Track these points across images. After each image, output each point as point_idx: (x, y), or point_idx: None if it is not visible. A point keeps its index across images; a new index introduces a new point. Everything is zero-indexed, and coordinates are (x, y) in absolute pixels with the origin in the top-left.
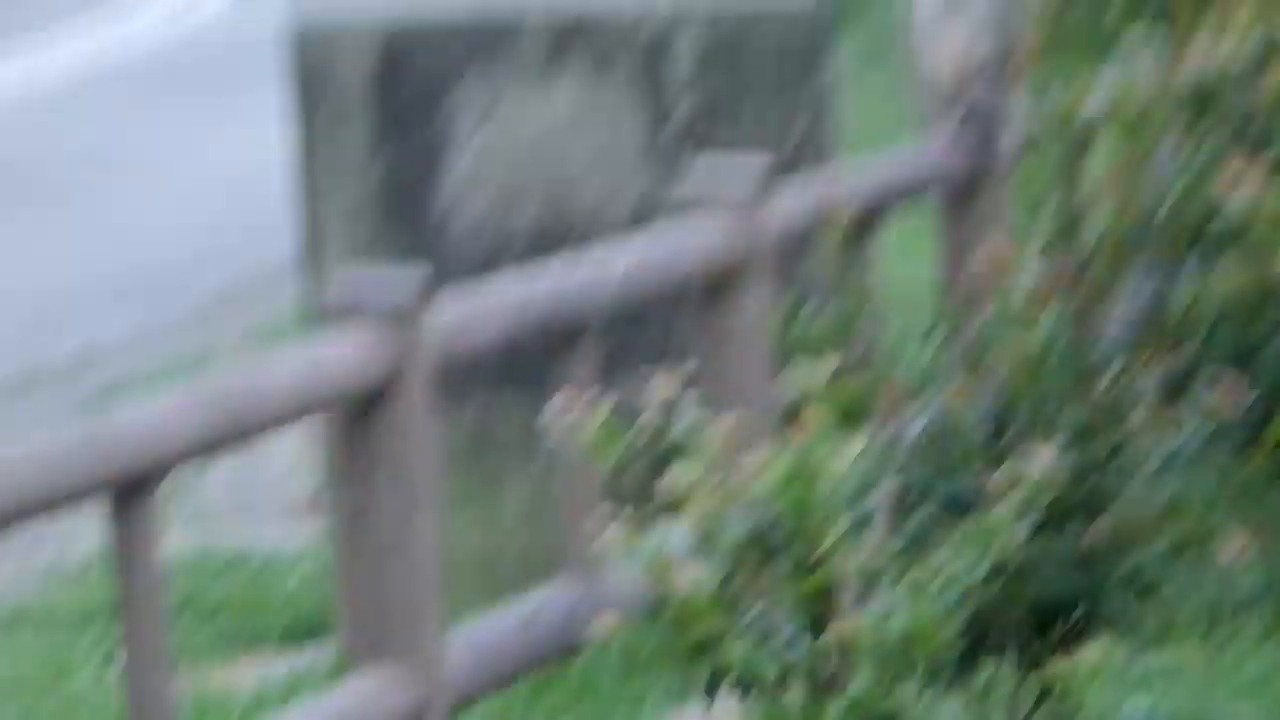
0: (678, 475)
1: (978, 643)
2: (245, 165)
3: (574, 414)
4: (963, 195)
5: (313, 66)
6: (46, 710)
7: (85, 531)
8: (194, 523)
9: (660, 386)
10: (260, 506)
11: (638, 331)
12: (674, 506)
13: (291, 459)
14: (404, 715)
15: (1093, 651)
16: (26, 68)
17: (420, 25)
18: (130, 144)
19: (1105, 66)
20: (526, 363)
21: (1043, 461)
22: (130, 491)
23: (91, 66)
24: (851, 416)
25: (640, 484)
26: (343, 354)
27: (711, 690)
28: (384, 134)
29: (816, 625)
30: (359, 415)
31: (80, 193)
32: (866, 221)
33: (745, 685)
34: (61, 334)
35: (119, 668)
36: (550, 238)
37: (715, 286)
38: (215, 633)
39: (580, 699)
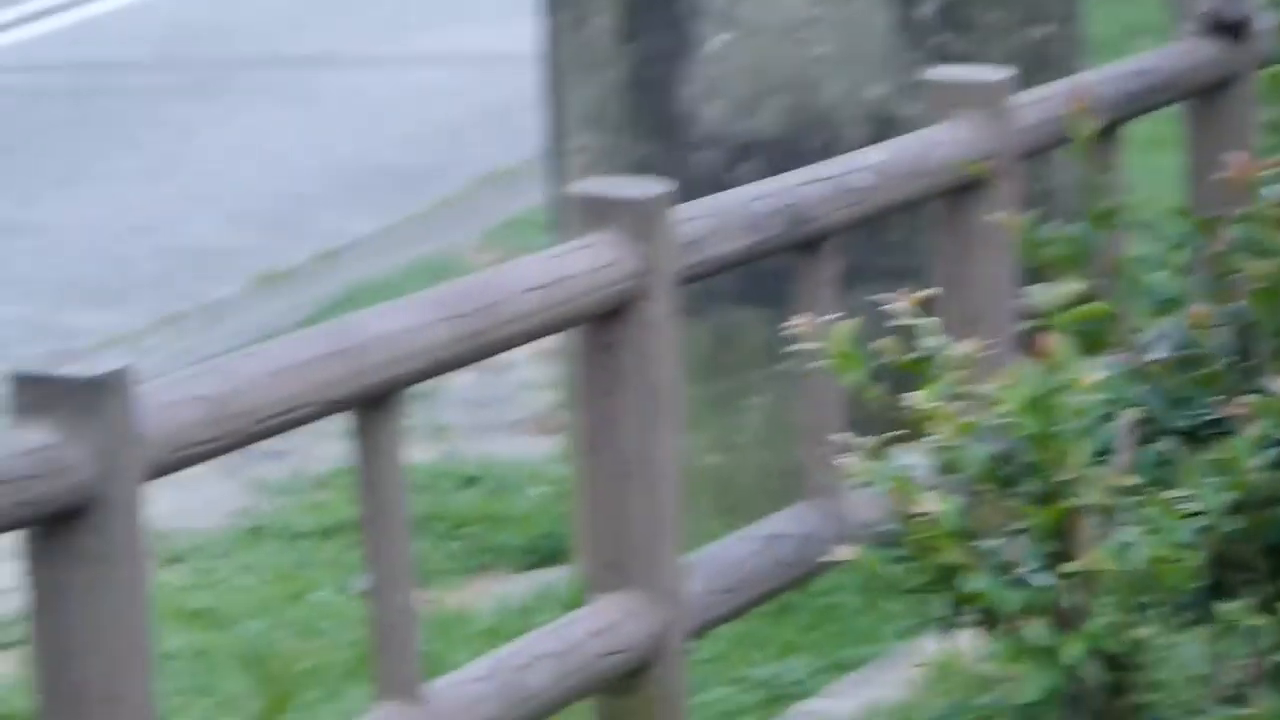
0: (919, 398)
1: (1219, 578)
2: (491, 52)
3: (815, 329)
4: (1209, 103)
5: None
6: (290, 624)
7: (316, 446)
8: (436, 435)
9: (903, 302)
10: (499, 421)
11: (881, 243)
12: (915, 429)
13: (530, 372)
14: (643, 641)
15: None
16: None
17: None
18: (373, 16)
19: None
20: (771, 275)
21: None
22: (373, 404)
23: None
24: (1094, 341)
25: (882, 404)
26: (587, 263)
27: (952, 620)
28: (628, 30)
29: (1058, 557)
30: (602, 326)
31: (326, 70)
32: (1112, 130)
33: (984, 619)
34: (303, 235)
35: (362, 583)
36: (792, 140)
37: (958, 197)
38: (453, 550)
39: (819, 626)
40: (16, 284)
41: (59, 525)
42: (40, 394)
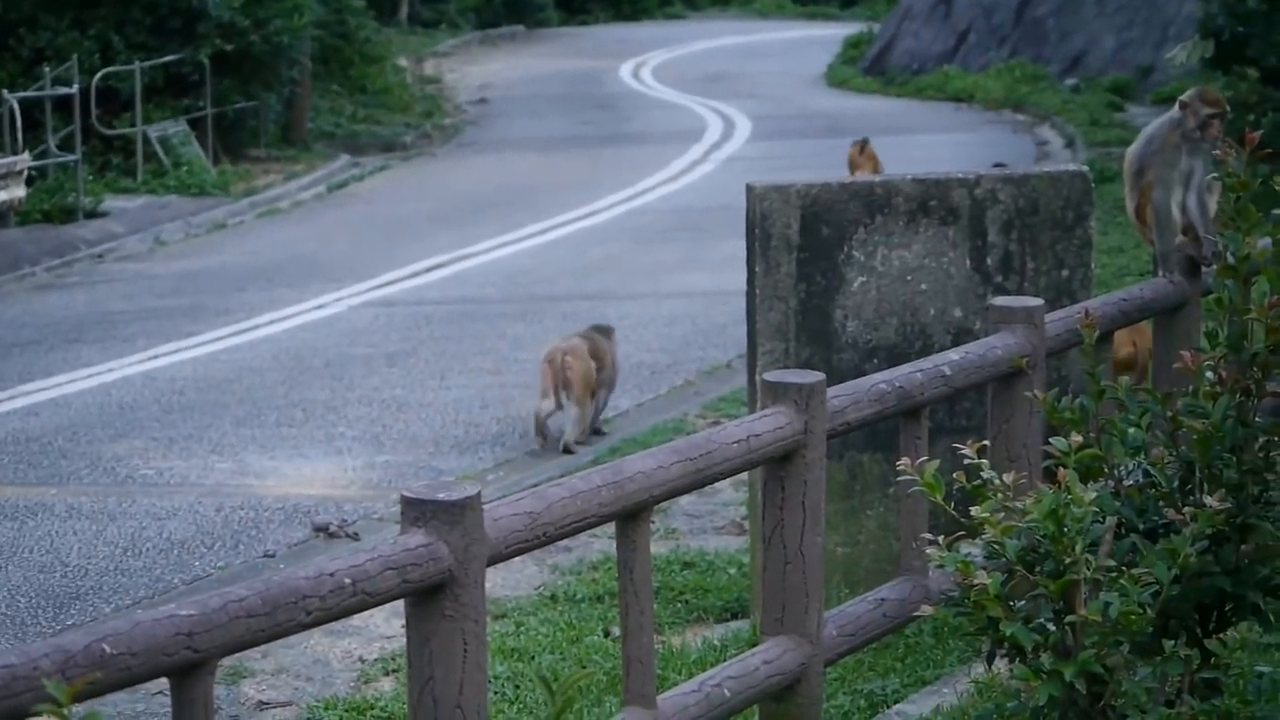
0: (978, 510)
1: (1164, 625)
2: (711, 289)
3: (913, 467)
4: (1170, 318)
5: (760, 218)
6: (572, 658)
7: (593, 543)
8: (668, 536)
9: (969, 449)
10: (709, 526)
11: (956, 411)
12: (975, 530)
13: (730, 495)
14: (795, 668)
15: (1238, 632)
16: (596, 215)
17: (829, 189)
18: (638, 268)
19: (1266, 228)
20: (885, 431)
21: (1212, 504)
22: (631, 517)
23: (625, 214)
24: (1090, 473)
25: (954, 514)
26: (770, 425)
27: (992, 655)
28: (802, 270)
29: (1061, 613)
30: (778, 466)
31: (608, 302)
32: (1106, 338)
33: (1014, 652)
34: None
35: (618, 630)
36: (902, 346)
37: (1007, 381)
38: (677, 609)
39: (907, 657)
40: (406, 440)
41: (429, 595)
42: (421, 510)
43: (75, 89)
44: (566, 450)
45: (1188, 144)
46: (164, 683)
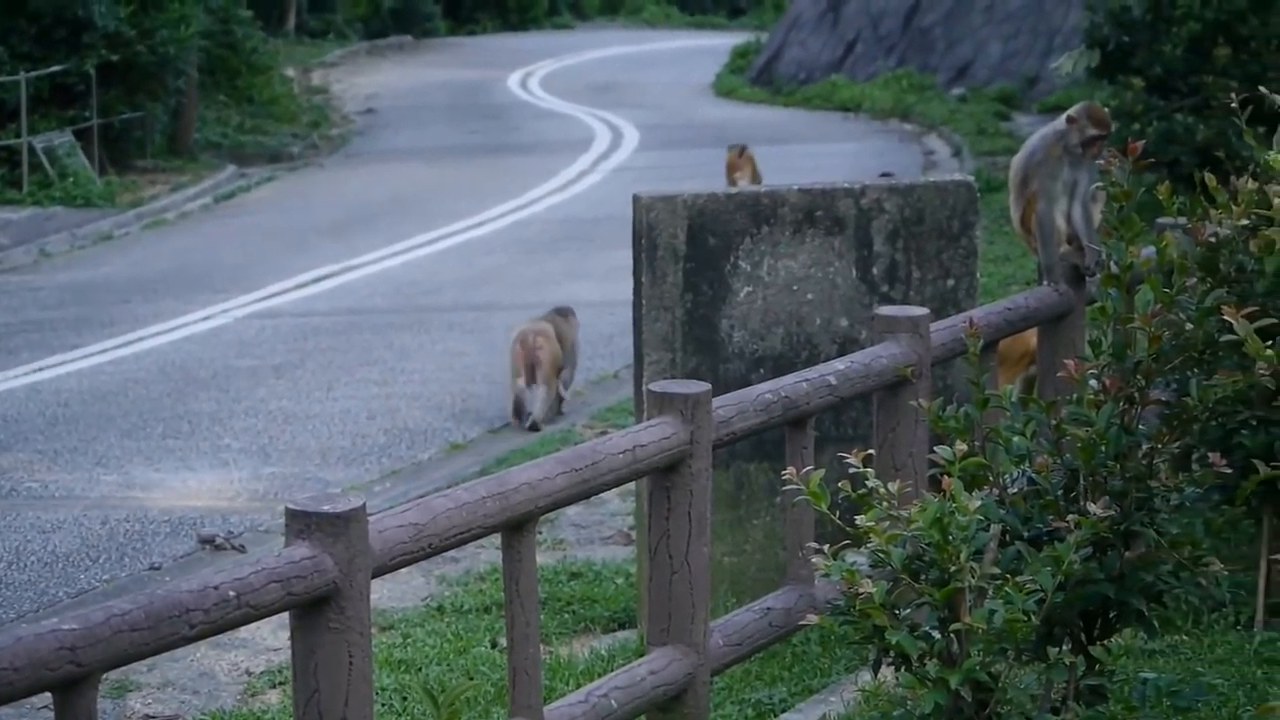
0: (863, 518)
1: (1049, 632)
2: (597, 300)
3: (798, 476)
4: (1054, 327)
5: (647, 228)
6: (458, 669)
7: (480, 553)
8: (555, 546)
9: (854, 458)
10: (596, 536)
11: (842, 420)
12: (860, 539)
13: (617, 505)
14: (681, 678)
15: (1122, 639)
16: (483, 225)
17: (716, 200)
18: (525, 278)
19: (1150, 237)
20: (771, 441)
21: (1095, 511)
22: (516, 528)
23: (512, 225)
24: (975, 481)
25: (840, 524)
26: (655, 436)
27: (878, 663)
28: (689, 280)
29: (947, 620)
30: (664, 476)
31: (494, 313)
32: (991, 346)
33: (900, 660)
34: (477, 419)
35: (504, 641)
36: (788, 356)
37: (893, 390)
38: (564, 620)
39: (794, 665)
40: (293, 452)
41: (314, 607)
42: (305, 523)
43: None
44: (533, 428)
45: (1070, 156)
46: (48, 697)
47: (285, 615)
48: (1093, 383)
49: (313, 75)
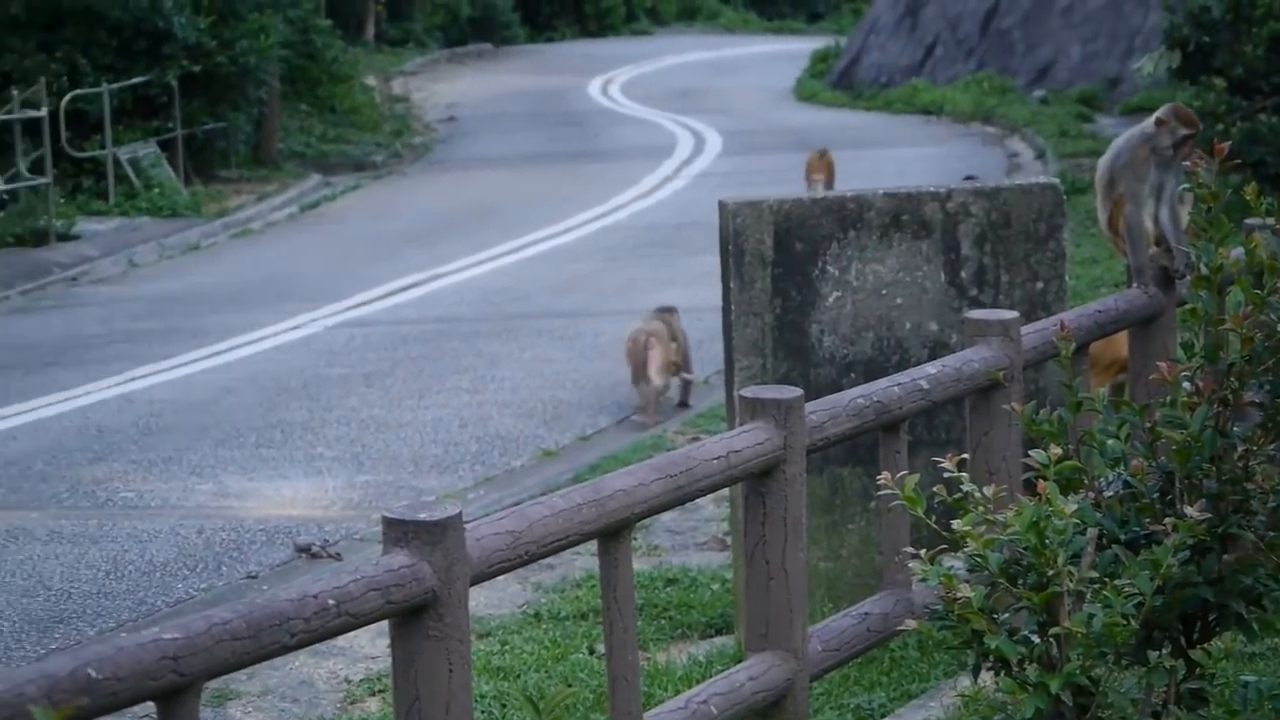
0: (960, 523)
1: (1148, 636)
2: (684, 306)
3: (892, 480)
4: (1146, 330)
5: (734, 234)
6: (557, 675)
7: (575, 560)
8: (650, 552)
9: (948, 462)
10: (691, 542)
11: (935, 424)
12: (957, 543)
13: (711, 510)
14: (780, 684)
15: (1222, 642)
16: (568, 232)
17: (802, 205)
18: (611, 285)
19: (1239, 238)
20: (864, 445)
21: (1192, 515)
22: (613, 535)
23: (597, 232)
24: (1070, 485)
25: (936, 528)
26: (750, 441)
27: (977, 668)
28: (777, 286)
29: (1045, 625)
30: (758, 481)
31: (582, 320)
32: (1082, 349)
33: (999, 664)
34: (568, 426)
35: (603, 647)
36: (879, 360)
37: (985, 394)
38: (660, 626)
39: (892, 671)
40: (386, 460)
41: (413, 615)
42: (403, 531)
43: (44, 112)
44: (645, 424)
45: (1158, 157)
46: (150, 706)
47: (382, 623)
48: (1186, 385)
49: (393, 84)
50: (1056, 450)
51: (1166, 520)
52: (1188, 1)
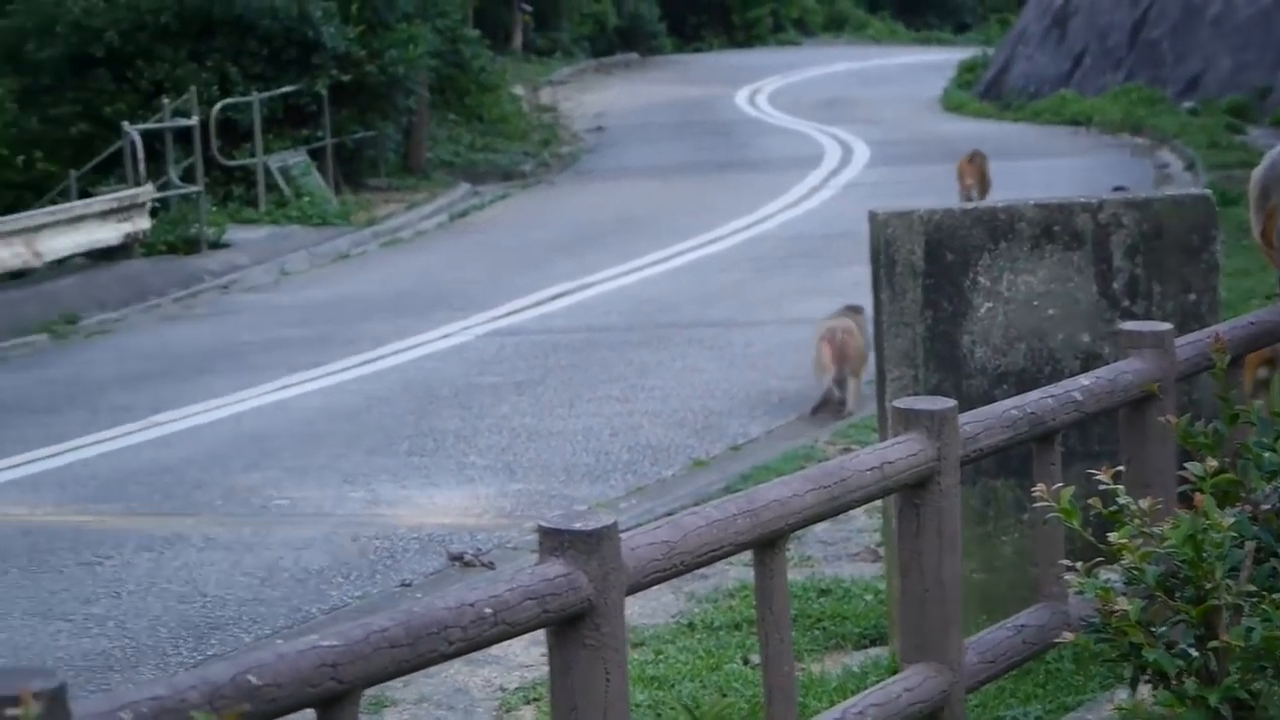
0: (1116, 535)
1: None
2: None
3: (1047, 492)
4: None
5: (884, 245)
6: (711, 685)
7: (729, 570)
8: (802, 563)
9: (1104, 474)
10: (844, 553)
11: (1089, 436)
12: (1113, 556)
13: (864, 521)
14: (936, 695)
15: None
16: (716, 242)
17: (952, 215)
18: (760, 295)
19: None
20: (1017, 457)
21: None
22: (768, 545)
23: (745, 242)
24: (1226, 497)
25: (1091, 540)
26: (903, 453)
27: (1134, 681)
28: (928, 297)
29: (1204, 638)
30: (912, 492)
31: (732, 329)
32: (1237, 361)
33: (1157, 678)
34: (720, 435)
35: (757, 658)
36: (1031, 371)
37: (1139, 406)
38: (815, 636)
39: (1048, 683)
40: (537, 469)
41: (570, 624)
42: (558, 540)
43: (195, 120)
44: (848, 414)
45: None
46: (309, 714)
47: (536, 632)
48: None
49: (541, 93)
50: (1213, 463)
51: None
52: None
